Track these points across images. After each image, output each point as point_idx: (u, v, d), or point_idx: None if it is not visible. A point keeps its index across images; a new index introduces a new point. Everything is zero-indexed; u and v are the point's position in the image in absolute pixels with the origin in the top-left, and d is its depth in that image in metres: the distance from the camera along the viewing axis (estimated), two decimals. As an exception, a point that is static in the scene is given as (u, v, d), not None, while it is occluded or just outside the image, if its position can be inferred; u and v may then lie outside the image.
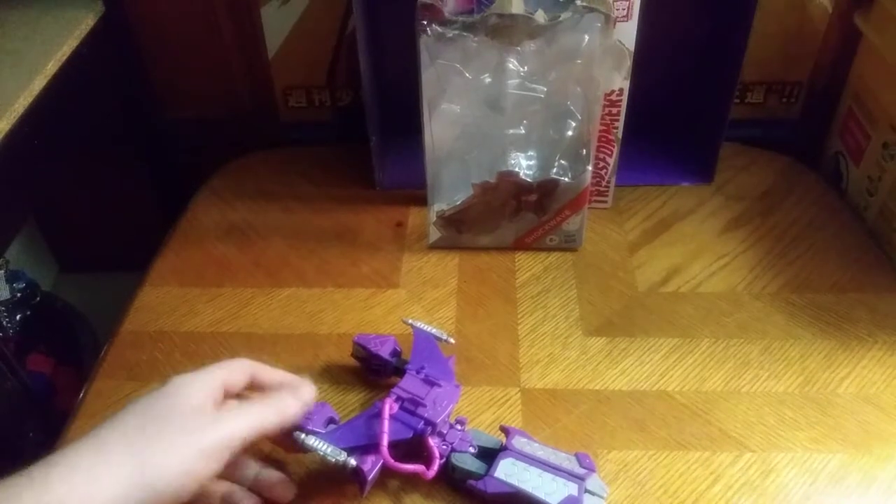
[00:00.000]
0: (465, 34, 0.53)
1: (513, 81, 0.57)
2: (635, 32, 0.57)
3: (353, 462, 0.42)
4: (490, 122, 0.58)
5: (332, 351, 0.55)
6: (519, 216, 0.62)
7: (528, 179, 0.59)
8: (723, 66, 0.66)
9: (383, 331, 0.57)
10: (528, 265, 0.63)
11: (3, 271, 0.92)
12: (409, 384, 0.47)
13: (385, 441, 0.42)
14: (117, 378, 0.55)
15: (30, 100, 0.63)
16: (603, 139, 0.63)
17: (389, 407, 0.44)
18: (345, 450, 0.42)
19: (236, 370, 0.42)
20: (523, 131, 0.59)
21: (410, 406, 0.45)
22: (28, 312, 0.92)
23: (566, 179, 0.59)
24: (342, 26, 0.75)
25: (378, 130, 0.69)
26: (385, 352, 0.50)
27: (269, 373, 0.44)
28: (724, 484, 0.46)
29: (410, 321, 0.52)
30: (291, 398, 0.43)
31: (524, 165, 0.60)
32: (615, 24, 0.55)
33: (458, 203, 0.61)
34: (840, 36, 0.71)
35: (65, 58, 0.68)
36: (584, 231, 0.63)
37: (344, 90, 0.80)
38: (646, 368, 0.53)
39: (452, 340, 0.52)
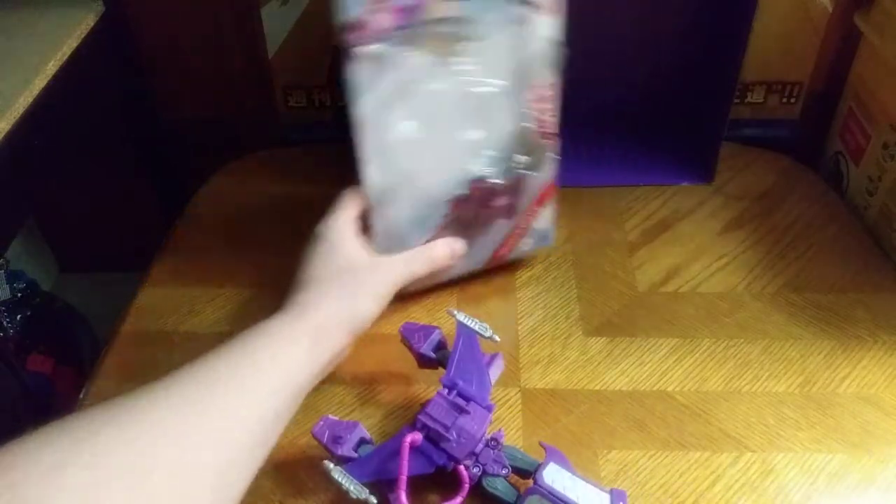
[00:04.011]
0: (400, 49, 0.50)
1: (458, 86, 0.53)
2: (564, 23, 0.54)
3: (374, 501, 0.42)
4: (442, 135, 0.54)
5: (332, 351, 0.55)
6: (491, 225, 0.57)
7: (498, 181, 0.56)
8: (723, 66, 0.66)
9: (384, 330, 0.57)
10: (528, 265, 0.63)
11: (3, 271, 0.92)
12: (437, 409, 0.45)
13: (403, 485, 0.41)
14: (117, 378, 0.55)
15: (30, 100, 0.63)
16: (542, 134, 0.58)
17: (412, 441, 0.43)
18: (372, 483, 0.42)
19: (354, 205, 0.52)
20: (475, 135, 0.55)
21: (436, 437, 0.44)
22: (28, 312, 0.92)
23: (532, 173, 0.56)
24: (342, 26, 0.75)
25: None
26: (428, 348, 0.50)
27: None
28: (724, 484, 0.46)
29: (455, 312, 0.50)
30: (442, 247, 0.54)
31: (486, 171, 0.56)
32: (545, 15, 0.53)
33: (427, 240, 0.55)
34: (840, 36, 0.71)
35: (65, 58, 0.68)
36: (555, 226, 0.60)
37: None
38: (646, 368, 0.53)
39: (498, 339, 0.49)
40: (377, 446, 0.45)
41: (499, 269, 0.62)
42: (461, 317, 0.50)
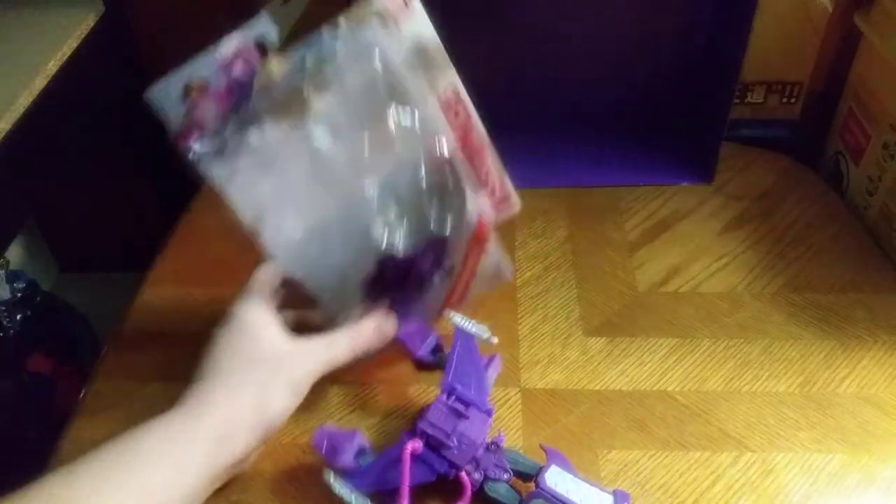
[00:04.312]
0: (247, 130, 0.44)
1: (328, 147, 0.46)
2: (429, 18, 0.46)
3: None
4: (334, 204, 0.47)
5: (332, 351, 0.55)
6: (425, 284, 0.49)
7: (409, 251, 0.46)
8: (723, 66, 0.66)
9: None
10: (528, 265, 0.63)
11: (3, 271, 0.92)
12: (437, 416, 0.44)
13: (405, 495, 0.41)
14: (117, 378, 0.55)
15: (30, 100, 0.63)
16: (468, 149, 0.50)
17: (412, 449, 0.42)
18: (373, 493, 0.42)
19: (270, 280, 0.47)
20: (372, 195, 0.46)
21: (437, 444, 0.43)
22: (28, 312, 0.92)
23: (456, 225, 0.46)
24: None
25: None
26: (426, 351, 0.49)
27: None
28: (724, 484, 0.46)
29: (451, 315, 0.49)
30: (368, 329, 0.47)
31: (396, 234, 0.47)
32: (399, 21, 0.45)
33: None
34: (840, 36, 0.71)
35: (65, 58, 0.69)
36: (506, 260, 0.51)
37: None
38: (646, 368, 0.53)
39: (496, 340, 0.49)
40: (377, 456, 0.45)
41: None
42: (458, 319, 0.49)
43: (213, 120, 0.43)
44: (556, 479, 0.42)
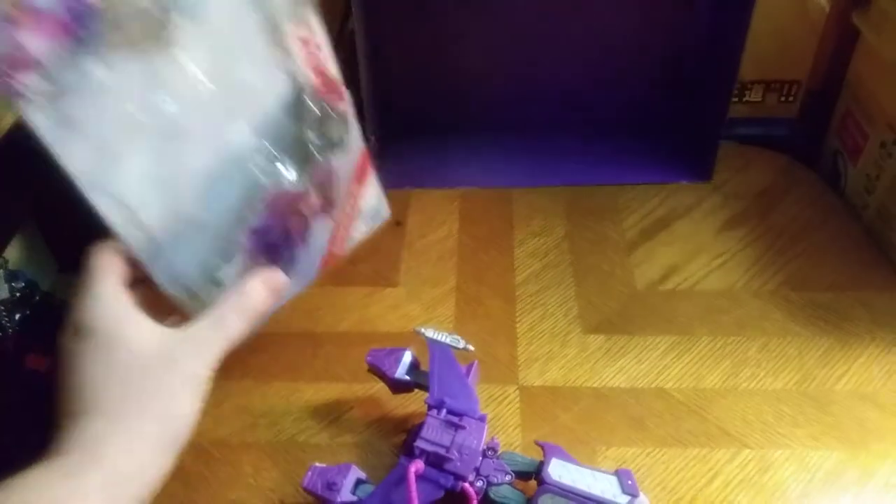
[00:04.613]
0: (86, 66, 0.35)
1: (193, 81, 0.38)
2: None
3: None
4: (198, 150, 0.39)
5: (330, 349, 0.56)
6: (310, 231, 0.44)
7: (300, 186, 0.42)
8: (721, 65, 0.66)
9: (382, 329, 0.57)
10: (526, 263, 0.63)
11: (2, 271, 0.92)
12: (432, 432, 0.44)
13: None
14: (116, 376, 0.55)
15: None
16: (329, 85, 0.44)
17: (416, 469, 0.41)
18: None
19: (115, 265, 0.37)
20: (243, 133, 0.40)
21: (437, 460, 0.43)
22: (27, 312, 0.92)
23: (339, 156, 0.43)
24: (341, 27, 0.75)
25: (377, 130, 0.69)
26: (403, 372, 0.48)
27: None
28: (722, 481, 0.46)
29: (422, 330, 0.49)
30: (257, 288, 0.39)
31: (281, 170, 0.41)
32: None
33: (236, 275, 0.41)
34: (838, 35, 0.71)
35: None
36: (384, 197, 0.49)
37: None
38: (644, 366, 0.53)
39: (472, 348, 0.49)
40: (377, 485, 0.43)
41: (497, 267, 0.62)
42: (430, 333, 0.49)
43: (45, 53, 0.34)
44: (559, 471, 0.42)
